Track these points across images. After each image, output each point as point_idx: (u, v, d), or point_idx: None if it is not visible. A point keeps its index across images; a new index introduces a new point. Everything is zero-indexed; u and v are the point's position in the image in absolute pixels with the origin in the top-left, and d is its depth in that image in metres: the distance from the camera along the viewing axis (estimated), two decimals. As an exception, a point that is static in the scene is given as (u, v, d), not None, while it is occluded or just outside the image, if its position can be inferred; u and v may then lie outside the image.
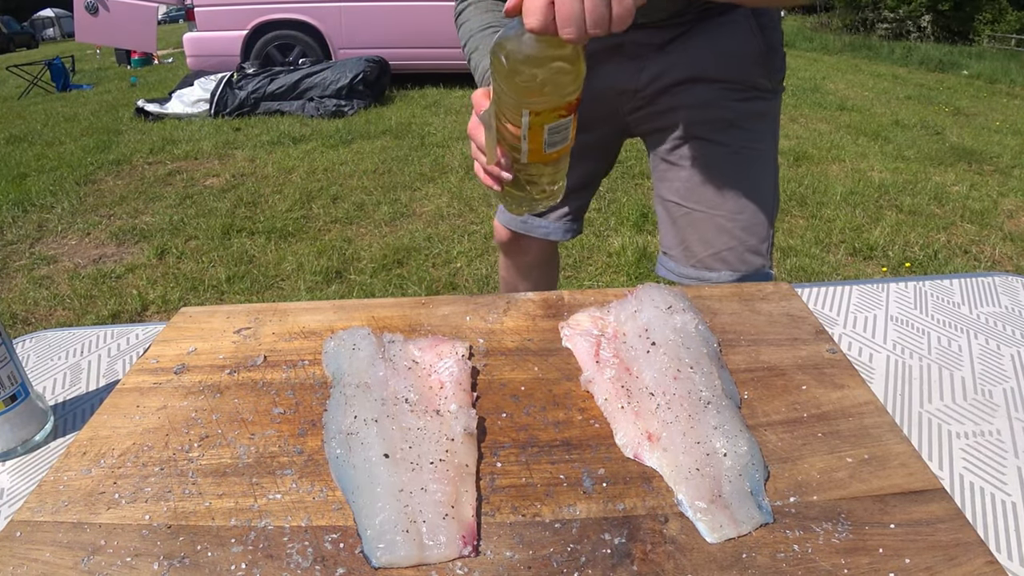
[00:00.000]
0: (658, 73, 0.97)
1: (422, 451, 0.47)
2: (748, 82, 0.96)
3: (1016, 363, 0.60)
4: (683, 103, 0.97)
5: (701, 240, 0.96)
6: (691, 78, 0.96)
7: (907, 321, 0.67)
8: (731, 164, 0.97)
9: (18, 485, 0.52)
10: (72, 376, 0.66)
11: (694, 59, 0.95)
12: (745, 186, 0.96)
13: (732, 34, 0.95)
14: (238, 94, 6.08)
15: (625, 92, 1.01)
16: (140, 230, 3.47)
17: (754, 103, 0.98)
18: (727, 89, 0.96)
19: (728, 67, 0.95)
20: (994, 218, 3.38)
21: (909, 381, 0.58)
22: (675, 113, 0.98)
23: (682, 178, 0.99)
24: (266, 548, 0.42)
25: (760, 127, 0.99)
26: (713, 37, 0.95)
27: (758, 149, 0.99)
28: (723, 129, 0.97)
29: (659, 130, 1.02)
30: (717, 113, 0.96)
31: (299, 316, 0.69)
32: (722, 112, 0.96)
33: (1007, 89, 8.15)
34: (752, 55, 0.95)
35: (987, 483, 0.47)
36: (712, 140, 0.97)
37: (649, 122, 1.03)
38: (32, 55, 15.05)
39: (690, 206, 0.98)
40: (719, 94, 0.96)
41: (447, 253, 3.09)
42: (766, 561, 0.40)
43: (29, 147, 5.37)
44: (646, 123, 1.04)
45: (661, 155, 1.02)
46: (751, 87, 0.97)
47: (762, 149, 0.99)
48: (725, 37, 0.95)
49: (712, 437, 0.47)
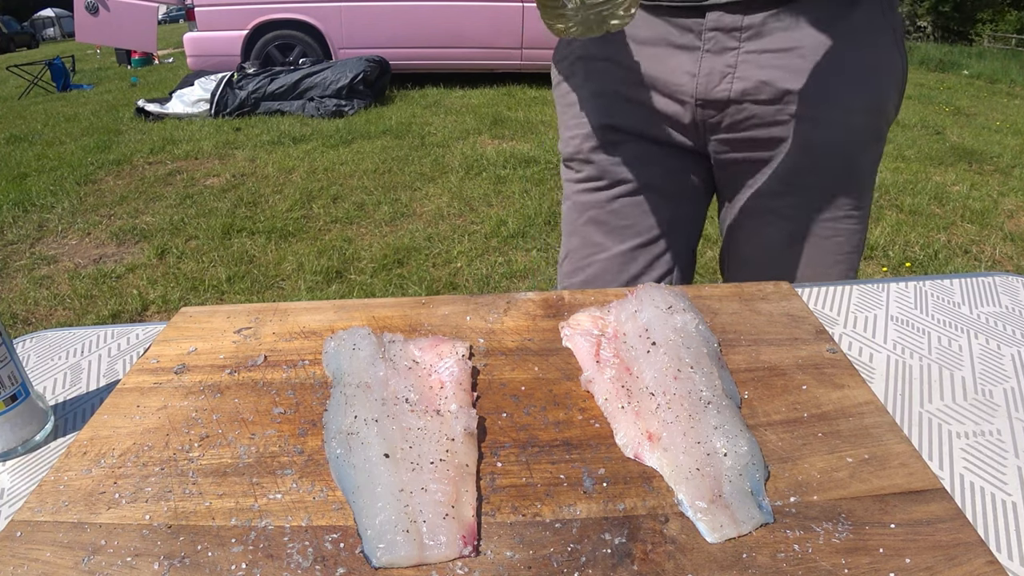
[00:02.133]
0: (760, 81, 0.74)
1: (422, 451, 0.47)
2: (884, 114, 0.76)
3: (1016, 363, 0.60)
4: (794, 133, 0.75)
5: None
6: (810, 95, 0.73)
7: (907, 321, 0.67)
8: (839, 235, 0.79)
9: (18, 485, 0.52)
10: (72, 376, 0.66)
11: (821, 66, 0.71)
12: (843, 267, 0.79)
13: (870, 40, 0.72)
14: (238, 94, 6.08)
15: (708, 103, 0.78)
16: (140, 230, 3.48)
17: (879, 145, 0.79)
18: (860, 124, 0.74)
19: (864, 88, 0.73)
20: (994, 218, 3.38)
21: (909, 381, 0.58)
22: (777, 145, 0.77)
23: (769, 239, 0.81)
24: (266, 548, 0.42)
25: (872, 181, 0.80)
26: (846, 39, 0.71)
27: (865, 212, 0.80)
28: (841, 181, 0.76)
29: (747, 163, 0.82)
30: (838, 159, 0.75)
31: (299, 316, 0.69)
32: (844, 157, 0.75)
33: (1007, 89, 8.15)
34: (892, 72, 0.74)
35: (987, 483, 0.47)
36: (822, 198, 0.76)
37: (734, 149, 0.81)
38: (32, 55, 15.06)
39: (769, 273, 0.78)
40: (847, 130, 0.74)
41: (447, 253, 3.10)
42: (766, 561, 0.40)
43: (29, 147, 5.37)
44: (728, 149, 0.82)
45: (745, 199, 0.83)
46: (884, 122, 0.77)
47: (867, 212, 0.80)
48: (861, 42, 0.71)
49: (712, 437, 0.47)
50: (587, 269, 0.93)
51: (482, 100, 6.66)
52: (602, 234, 0.92)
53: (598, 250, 0.93)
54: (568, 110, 0.92)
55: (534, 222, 3.39)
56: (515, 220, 3.40)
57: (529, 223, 3.38)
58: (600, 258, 0.92)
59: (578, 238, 0.95)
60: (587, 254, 0.94)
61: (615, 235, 0.92)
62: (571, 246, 0.96)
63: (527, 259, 3.01)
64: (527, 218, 3.43)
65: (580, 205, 0.94)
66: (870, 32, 0.73)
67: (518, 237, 3.24)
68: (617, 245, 0.92)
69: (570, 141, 0.93)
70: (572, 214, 0.96)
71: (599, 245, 0.93)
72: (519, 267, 2.93)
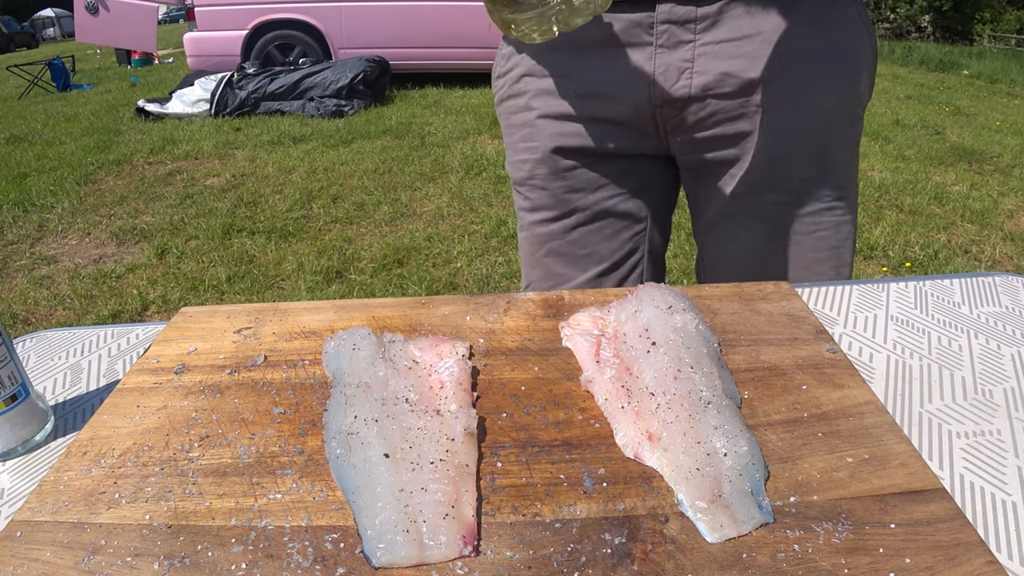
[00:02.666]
0: (722, 73, 0.69)
1: (422, 451, 0.47)
2: (856, 93, 0.71)
3: (1016, 363, 0.60)
4: (762, 125, 0.70)
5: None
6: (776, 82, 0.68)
7: (907, 321, 0.67)
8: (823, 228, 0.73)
9: (18, 485, 0.52)
10: (72, 376, 0.66)
11: (785, 50, 0.66)
12: (832, 263, 0.75)
13: (833, 19, 0.68)
14: (238, 94, 6.08)
15: (666, 103, 0.72)
16: (140, 230, 3.48)
17: (855, 128, 0.73)
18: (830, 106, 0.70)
19: (833, 69, 0.69)
20: (994, 218, 3.38)
21: (909, 381, 0.58)
22: (745, 139, 0.72)
23: (746, 243, 0.75)
24: (266, 548, 0.42)
25: (854, 167, 0.75)
26: (809, 20, 0.67)
27: (851, 201, 0.74)
28: (817, 171, 0.72)
29: (715, 163, 0.76)
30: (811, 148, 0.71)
31: (299, 316, 0.69)
32: (818, 145, 0.71)
33: (1007, 89, 8.15)
34: (860, 50, 0.70)
35: (987, 483, 0.47)
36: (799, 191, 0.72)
37: (699, 149, 0.76)
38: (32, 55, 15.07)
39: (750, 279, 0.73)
40: (818, 115, 0.70)
41: (447, 253, 3.10)
42: (766, 561, 0.40)
43: (29, 147, 5.37)
44: (692, 150, 0.76)
45: (716, 201, 0.78)
46: (858, 102, 0.72)
47: (854, 201, 0.75)
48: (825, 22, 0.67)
49: (712, 437, 0.47)
50: None
51: (482, 100, 6.66)
52: (563, 264, 0.90)
53: (562, 280, 0.91)
54: (515, 131, 0.87)
55: (534, 222, 3.38)
56: (515, 220, 3.40)
57: (529, 223, 3.37)
58: (564, 288, 0.90)
59: (540, 270, 0.93)
60: (551, 285, 0.92)
61: (577, 264, 0.89)
62: (533, 277, 0.94)
63: (527, 259, 3.00)
64: (527, 218, 3.42)
65: (538, 237, 0.91)
66: (833, 10, 0.69)
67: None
68: (581, 274, 0.89)
69: (521, 166, 0.88)
70: (531, 245, 0.93)
71: (562, 275, 0.91)
72: (519, 267, 2.93)
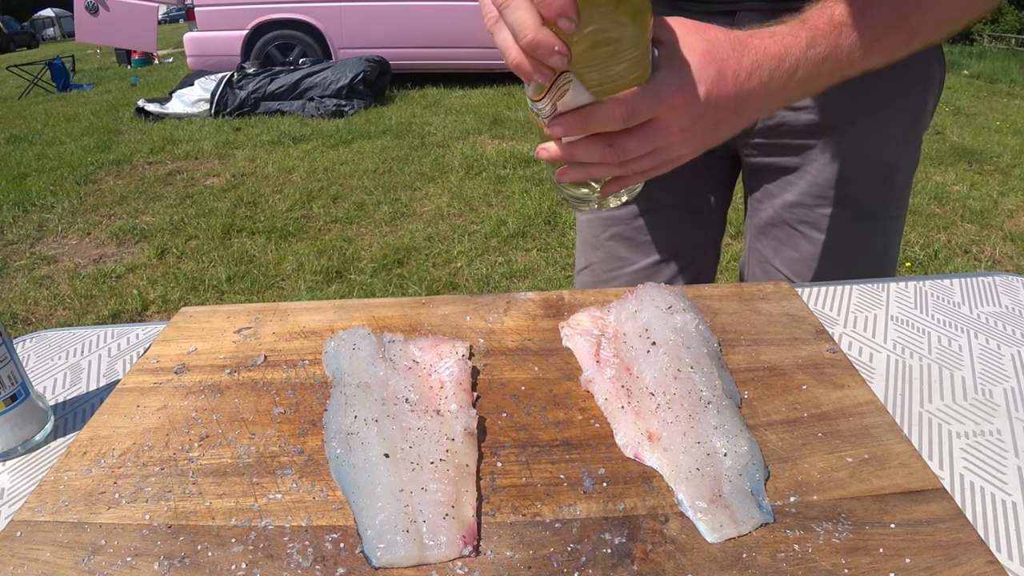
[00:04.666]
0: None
1: (422, 451, 0.47)
2: (921, 122, 0.73)
3: (1016, 363, 0.60)
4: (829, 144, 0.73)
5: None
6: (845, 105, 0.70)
7: (907, 321, 0.67)
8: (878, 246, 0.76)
9: (18, 485, 0.52)
10: (72, 376, 0.66)
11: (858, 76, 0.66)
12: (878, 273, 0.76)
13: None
14: (238, 94, 6.08)
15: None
16: (140, 230, 3.48)
17: (917, 153, 0.75)
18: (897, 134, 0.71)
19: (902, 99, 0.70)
20: (994, 218, 3.38)
21: (909, 381, 0.58)
22: (809, 152, 0.74)
23: (802, 250, 0.77)
24: (266, 548, 0.42)
25: (909, 188, 0.76)
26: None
27: (903, 218, 0.77)
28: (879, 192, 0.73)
29: (779, 168, 0.78)
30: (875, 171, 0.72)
31: (299, 316, 0.69)
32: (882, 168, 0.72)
33: (1007, 89, 8.14)
34: (930, 82, 0.72)
35: (987, 483, 0.47)
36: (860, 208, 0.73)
37: (765, 154, 0.78)
38: (32, 55, 15.07)
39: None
40: (884, 141, 0.71)
41: (447, 253, 3.10)
42: (766, 561, 0.40)
43: (29, 147, 5.37)
44: (758, 153, 0.79)
45: (775, 205, 0.80)
46: (921, 128, 0.74)
47: (904, 217, 0.77)
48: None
49: (712, 437, 0.47)
50: (611, 282, 0.96)
51: (482, 100, 6.66)
52: (627, 248, 0.94)
53: (624, 264, 0.94)
54: None
55: (534, 222, 3.39)
56: (515, 220, 3.40)
57: (529, 223, 3.38)
58: (625, 272, 0.94)
59: (602, 252, 0.96)
60: (612, 267, 0.96)
61: (640, 249, 0.93)
62: (594, 258, 0.97)
63: (527, 259, 3.01)
64: (527, 218, 3.43)
65: (604, 220, 0.95)
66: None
67: (518, 237, 3.24)
68: (642, 259, 0.93)
69: None
70: (594, 227, 0.96)
71: (625, 259, 0.94)
72: (519, 267, 2.93)
